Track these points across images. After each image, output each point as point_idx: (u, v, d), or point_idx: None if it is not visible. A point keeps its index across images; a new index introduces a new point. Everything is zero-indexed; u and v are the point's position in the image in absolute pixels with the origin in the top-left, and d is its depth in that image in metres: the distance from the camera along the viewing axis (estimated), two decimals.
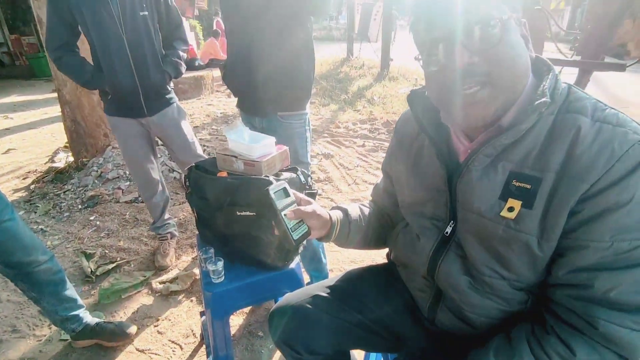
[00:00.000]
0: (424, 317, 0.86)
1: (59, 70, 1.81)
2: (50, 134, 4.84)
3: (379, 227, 0.99)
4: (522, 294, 0.69)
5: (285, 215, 0.79)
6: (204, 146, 3.80)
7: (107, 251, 2.29)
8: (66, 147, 3.68)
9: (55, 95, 3.32)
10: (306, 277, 1.82)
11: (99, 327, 1.59)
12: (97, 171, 3.15)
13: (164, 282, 1.99)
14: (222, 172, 1.29)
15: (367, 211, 0.99)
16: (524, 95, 0.66)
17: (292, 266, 1.28)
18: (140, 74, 1.76)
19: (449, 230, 0.76)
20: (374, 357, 1.28)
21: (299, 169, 1.30)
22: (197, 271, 2.05)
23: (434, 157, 0.77)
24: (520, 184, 0.63)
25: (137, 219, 2.66)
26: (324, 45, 11.91)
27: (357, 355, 1.31)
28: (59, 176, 3.25)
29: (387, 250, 1.03)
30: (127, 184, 3.05)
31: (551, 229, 0.61)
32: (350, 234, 0.92)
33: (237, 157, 1.29)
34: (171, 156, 2.07)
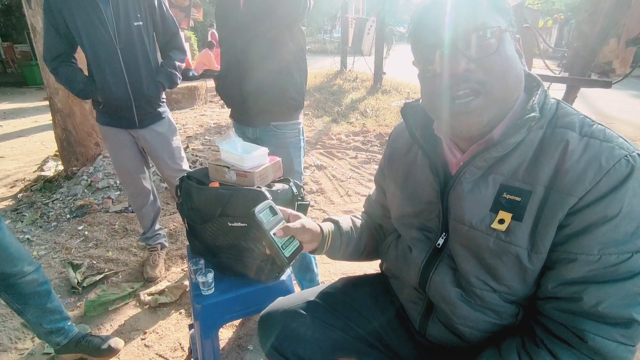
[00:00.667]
0: (415, 329, 0.86)
1: (56, 80, 1.80)
2: (40, 142, 4.79)
3: (371, 238, 0.99)
4: (513, 307, 0.69)
5: (274, 234, 0.76)
6: (196, 156, 3.78)
7: (94, 262, 2.25)
8: (56, 155, 3.63)
9: (46, 103, 3.30)
10: (296, 288, 1.80)
11: (84, 341, 1.54)
12: (86, 180, 3.11)
13: (152, 294, 1.96)
14: (214, 183, 1.28)
15: (359, 223, 0.99)
16: (514, 109, 0.67)
17: (283, 278, 1.27)
18: (133, 85, 1.75)
19: (440, 242, 0.76)
20: None
21: (292, 180, 1.30)
22: (187, 283, 2.01)
23: (427, 169, 0.78)
24: (510, 197, 0.64)
25: (126, 229, 2.62)
26: (318, 58, 12.05)
27: None
28: (47, 185, 3.20)
29: (379, 261, 1.02)
30: (117, 193, 3.01)
31: (541, 241, 0.62)
32: (341, 245, 0.91)
33: (229, 167, 1.28)
34: (156, 169, 2.05)
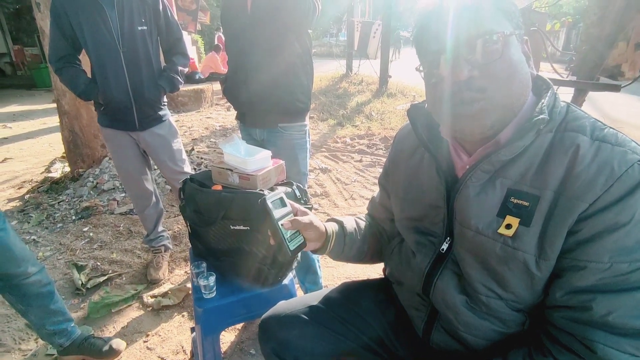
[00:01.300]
0: (418, 336, 0.84)
1: (60, 81, 1.83)
2: (48, 144, 4.84)
3: (375, 241, 0.98)
4: (520, 315, 0.67)
5: (282, 225, 0.78)
6: (202, 159, 3.80)
7: (99, 263, 2.25)
8: (63, 157, 3.66)
9: (54, 105, 3.32)
10: (299, 292, 1.79)
11: (87, 343, 1.55)
12: (92, 182, 3.13)
13: (155, 296, 1.95)
14: (216, 186, 1.28)
15: (363, 224, 0.98)
16: (522, 112, 0.66)
17: (286, 282, 1.25)
18: (134, 88, 1.77)
19: (445, 247, 0.74)
20: None
21: (294, 183, 1.29)
22: (190, 285, 2.01)
23: (434, 171, 0.76)
24: (518, 201, 0.63)
25: (131, 231, 2.63)
26: (324, 61, 12.08)
27: None
28: (54, 186, 3.22)
29: (382, 265, 1.01)
30: (123, 195, 3.03)
31: (549, 248, 0.60)
32: (345, 247, 0.90)
33: (232, 170, 1.28)
34: (159, 171, 2.05)
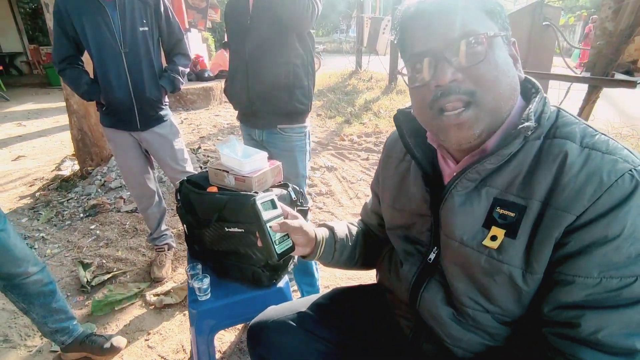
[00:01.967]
0: (407, 345, 0.82)
1: (63, 81, 1.85)
2: (60, 141, 4.92)
3: (366, 247, 0.96)
4: (508, 329, 0.65)
5: (270, 227, 0.77)
6: (208, 157, 3.81)
7: (104, 261, 2.29)
8: (73, 155, 3.72)
9: None
10: (297, 294, 1.78)
11: (88, 340, 1.57)
12: (100, 180, 3.18)
13: (158, 295, 1.97)
14: (212, 187, 1.28)
15: (355, 230, 0.96)
16: (510, 118, 0.63)
17: (281, 285, 1.25)
18: (136, 89, 1.78)
19: (432, 256, 0.72)
20: None
21: (290, 185, 1.28)
22: None
23: (420, 179, 0.74)
24: (504, 212, 0.60)
25: (136, 229, 2.66)
26: (333, 58, 12.03)
27: None
28: (64, 184, 3.28)
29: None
30: (129, 193, 3.06)
31: (536, 261, 0.57)
32: (335, 253, 0.89)
33: (228, 172, 1.27)
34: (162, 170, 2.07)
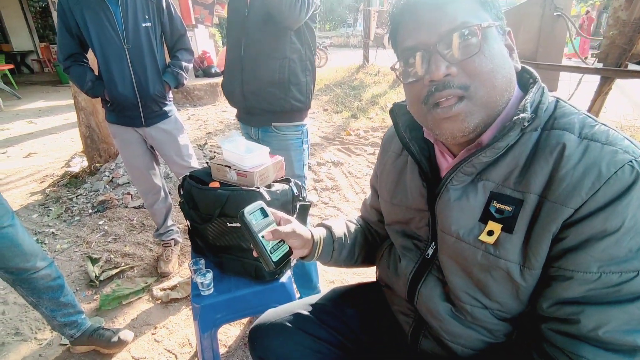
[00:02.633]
0: (407, 343, 0.81)
1: (68, 78, 1.87)
2: (69, 138, 4.99)
3: (366, 244, 0.95)
4: (507, 325, 0.64)
5: (262, 237, 0.75)
6: (214, 152, 3.83)
7: (112, 256, 2.32)
8: (82, 152, 3.77)
9: None
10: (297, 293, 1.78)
11: (96, 334, 1.60)
12: (108, 176, 3.22)
13: (164, 289, 2.00)
14: (214, 183, 1.28)
15: (353, 228, 0.95)
16: (507, 110, 0.61)
17: (283, 280, 1.25)
18: (139, 85, 1.79)
19: (430, 252, 0.71)
20: None
21: (292, 180, 1.28)
22: None
23: (417, 174, 0.73)
24: (500, 206, 0.58)
25: (143, 224, 2.69)
26: (340, 52, 11.94)
27: None
28: (73, 181, 3.33)
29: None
30: (136, 189, 3.10)
31: (533, 256, 0.56)
32: (334, 252, 0.88)
33: (230, 167, 1.27)
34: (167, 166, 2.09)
